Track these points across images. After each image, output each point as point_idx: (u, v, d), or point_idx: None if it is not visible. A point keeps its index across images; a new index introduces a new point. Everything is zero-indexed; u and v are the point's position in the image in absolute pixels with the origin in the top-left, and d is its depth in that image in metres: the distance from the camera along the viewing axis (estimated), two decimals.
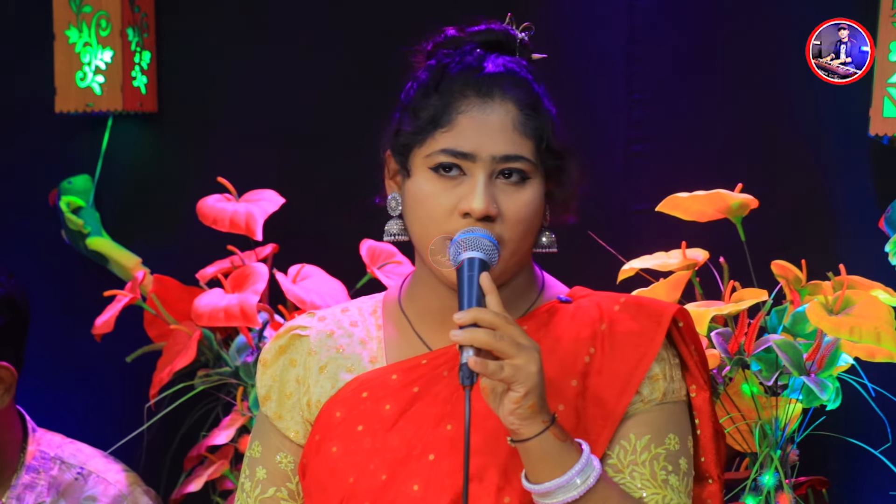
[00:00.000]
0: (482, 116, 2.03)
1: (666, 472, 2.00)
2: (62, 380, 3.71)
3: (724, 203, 2.93)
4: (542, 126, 2.04)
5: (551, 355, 2.03)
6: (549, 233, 2.11)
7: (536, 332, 2.07)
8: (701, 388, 2.06)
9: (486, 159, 2.02)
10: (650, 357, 2.02)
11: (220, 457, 3.33)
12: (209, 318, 3.21)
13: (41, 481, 2.98)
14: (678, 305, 2.07)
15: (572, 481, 1.92)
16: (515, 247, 2.04)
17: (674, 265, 2.93)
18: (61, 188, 3.61)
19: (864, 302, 2.79)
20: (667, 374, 2.04)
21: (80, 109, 3.60)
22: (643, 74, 3.23)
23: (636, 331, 2.04)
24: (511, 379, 1.88)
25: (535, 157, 2.04)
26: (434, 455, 2.02)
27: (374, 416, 2.07)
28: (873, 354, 2.80)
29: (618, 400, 2.01)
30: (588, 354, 2.03)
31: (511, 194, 2.03)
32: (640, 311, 2.06)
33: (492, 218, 2.01)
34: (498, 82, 2.05)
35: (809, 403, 2.82)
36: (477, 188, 2.01)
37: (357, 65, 3.50)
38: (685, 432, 2.05)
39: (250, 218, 3.33)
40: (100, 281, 3.55)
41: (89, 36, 3.59)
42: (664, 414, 2.03)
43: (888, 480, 2.92)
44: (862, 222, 3.04)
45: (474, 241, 1.99)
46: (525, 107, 2.04)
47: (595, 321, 2.06)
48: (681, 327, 2.06)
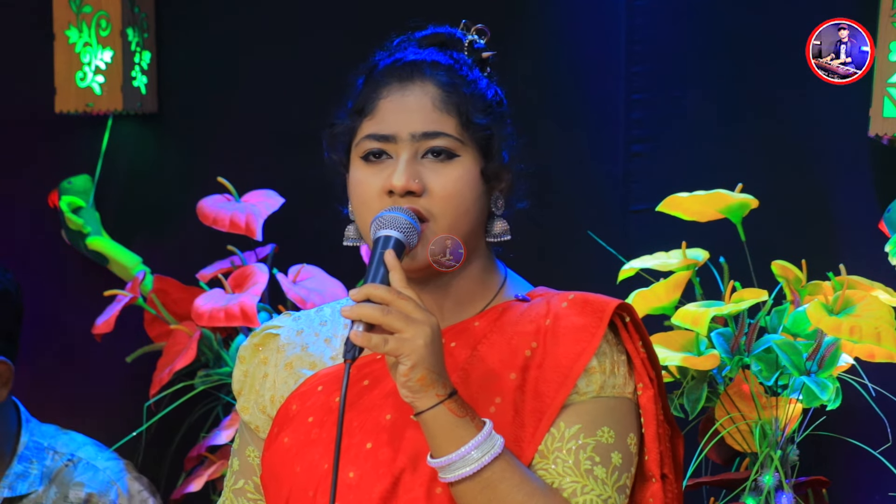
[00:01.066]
0: (401, 99, 2.07)
1: (591, 463, 1.99)
2: (62, 379, 3.71)
3: (724, 203, 2.93)
4: (464, 102, 2.05)
5: (493, 349, 2.05)
6: (502, 221, 2.11)
7: (486, 327, 2.08)
8: (647, 387, 2.06)
9: (406, 138, 2.05)
10: (590, 351, 2.02)
11: (220, 457, 3.33)
12: (209, 318, 3.21)
13: (34, 470, 2.99)
14: (621, 301, 2.07)
15: (469, 455, 1.94)
16: (449, 223, 2.04)
17: (674, 265, 2.93)
18: (61, 188, 3.61)
19: (864, 302, 2.79)
20: (606, 369, 2.03)
21: (80, 109, 3.61)
22: (643, 74, 3.23)
23: (579, 326, 2.04)
24: (396, 352, 1.91)
25: (459, 133, 2.05)
26: (371, 443, 2.04)
27: (325, 408, 2.09)
28: (873, 354, 2.80)
29: (556, 393, 2.01)
30: (529, 349, 2.04)
31: (438, 171, 2.04)
32: (585, 306, 2.06)
33: (415, 193, 2.03)
34: (418, 66, 2.09)
35: (809, 403, 2.82)
36: (398, 165, 2.03)
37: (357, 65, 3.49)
38: (625, 428, 2.04)
39: (250, 218, 3.33)
40: (100, 281, 3.55)
41: (89, 36, 3.59)
42: (600, 407, 2.03)
43: (888, 481, 2.92)
44: (862, 222, 3.04)
45: (391, 219, 2.01)
46: (446, 85, 2.06)
47: (541, 317, 2.06)
48: (627, 322, 2.06)
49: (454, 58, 2.11)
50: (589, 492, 1.99)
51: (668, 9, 3.23)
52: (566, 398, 2.01)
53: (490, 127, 2.07)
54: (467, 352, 2.06)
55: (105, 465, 3.03)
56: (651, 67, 3.24)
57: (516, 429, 2.00)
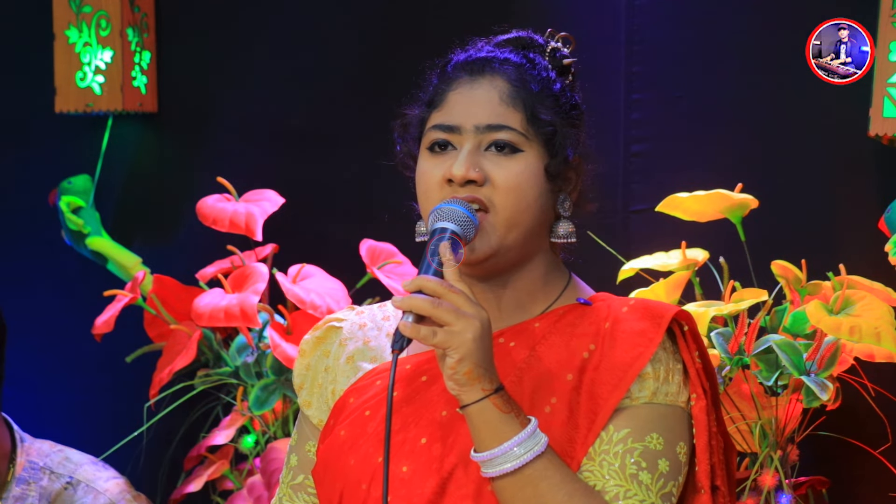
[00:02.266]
0: (469, 92, 2.07)
1: (637, 468, 1.99)
2: (62, 380, 3.71)
3: (724, 203, 2.93)
4: (531, 98, 2.06)
5: (552, 350, 2.05)
6: (568, 223, 2.11)
7: (545, 329, 2.08)
8: (700, 397, 2.05)
9: (471, 130, 2.05)
10: (647, 356, 2.01)
11: (220, 457, 3.33)
12: (209, 318, 3.21)
13: (32, 492, 2.97)
14: (681, 308, 2.07)
15: (511, 451, 1.94)
16: (509, 215, 2.04)
17: (674, 265, 2.93)
18: (61, 188, 3.61)
19: (864, 302, 2.79)
20: (660, 376, 2.03)
21: (80, 109, 3.60)
22: (643, 74, 3.24)
23: (637, 330, 2.04)
24: (444, 344, 1.92)
25: (524, 128, 2.05)
26: (426, 438, 2.04)
27: (382, 402, 2.09)
28: (873, 354, 2.80)
29: (609, 395, 2.01)
30: (587, 350, 2.04)
31: (501, 163, 2.05)
32: (644, 312, 2.06)
33: (476, 182, 2.03)
34: (489, 62, 2.09)
35: (809, 403, 2.82)
36: (460, 155, 2.04)
37: (358, 65, 3.50)
38: (675, 437, 2.03)
39: (250, 218, 3.33)
40: (100, 281, 3.55)
41: (89, 36, 3.59)
42: (651, 413, 2.02)
43: (888, 481, 2.92)
44: (862, 222, 3.04)
45: (448, 211, 2.01)
46: (514, 80, 2.06)
47: (601, 320, 2.06)
48: (685, 331, 2.06)
49: (528, 58, 2.11)
50: (632, 496, 1.98)
51: (668, 9, 3.23)
52: (619, 401, 2.00)
53: (555, 125, 2.06)
54: (525, 352, 2.06)
55: (105, 486, 3.00)
56: (651, 67, 3.24)
57: (570, 429, 2.00)
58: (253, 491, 3.22)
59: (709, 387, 2.06)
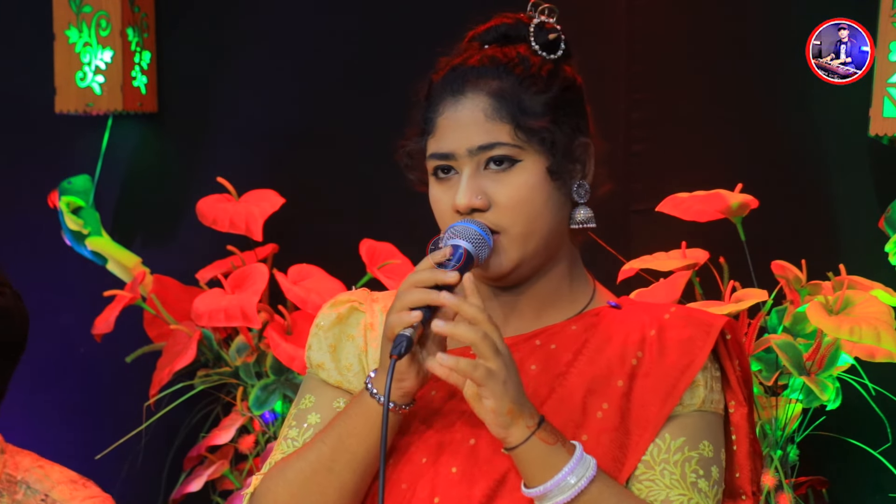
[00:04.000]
0: (455, 115, 2.05)
1: (696, 476, 2.00)
2: (62, 380, 3.71)
3: (724, 203, 2.93)
4: (517, 105, 2.02)
5: (599, 354, 2.03)
6: (586, 208, 2.07)
7: (585, 331, 2.06)
8: (740, 404, 2.06)
9: (465, 154, 2.03)
10: (698, 364, 2.01)
11: (219, 457, 3.33)
12: (209, 318, 3.21)
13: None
14: (728, 318, 2.06)
15: (565, 481, 1.92)
16: (520, 231, 2.03)
17: (674, 265, 2.93)
18: (61, 188, 3.61)
19: (864, 302, 2.79)
20: (708, 384, 2.03)
21: (80, 109, 3.60)
22: (643, 74, 3.23)
23: (685, 338, 2.02)
24: (481, 382, 1.88)
25: (515, 138, 2.02)
26: (475, 440, 2.02)
27: (421, 401, 2.07)
28: (873, 354, 2.80)
29: (663, 404, 2.00)
30: (636, 357, 2.03)
31: (501, 181, 2.03)
32: (690, 319, 2.05)
33: (481, 209, 2.02)
34: (467, 77, 2.05)
35: (809, 403, 2.82)
36: (461, 183, 2.02)
37: (358, 65, 3.50)
38: (719, 443, 2.04)
39: (250, 218, 3.33)
40: (100, 281, 3.55)
41: (89, 36, 3.59)
42: (701, 421, 2.02)
43: (888, 481, 2.92)
44: (862, 222, 3.04)
45: (462, 230, 1.99)
46: (495, 93, 2.03)
47: (645, 326, 2.05)
48: (728, 340, 2.06)
49: (507, 56, 2.07)
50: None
51: (668, 9, 3.23)
52: (672, 408, 1.99)
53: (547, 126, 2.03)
54: (569, 355, 2.04)
55: None
56: (651, 67, 3.24)
57: (621, 435, 1.99)
58: None
59: (748, 394, 2.06)
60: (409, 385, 1.99)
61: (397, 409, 2.00)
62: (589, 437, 1.99)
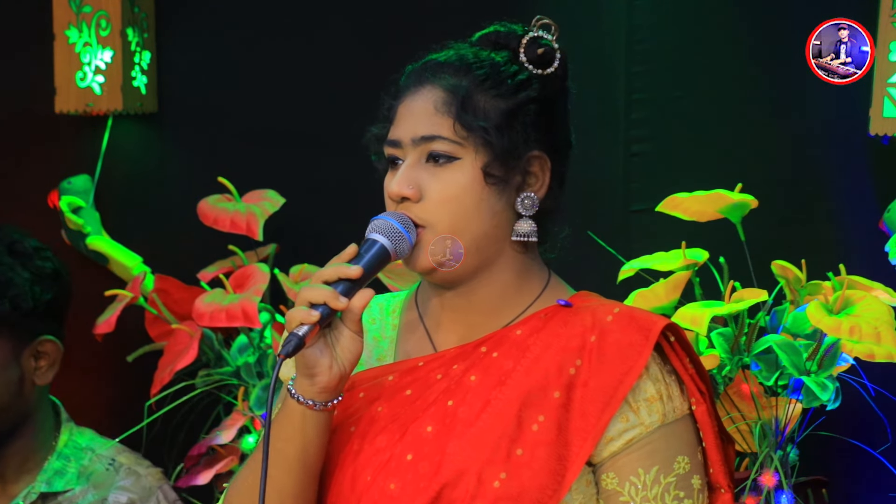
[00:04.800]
0: (411, 104, 2.07)
1: (678, 501, 1.99)
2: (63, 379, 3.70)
3: (724, 203, 2.93)
4: (468, 102, 2.02)
5: (537, 364, 2.02)
6: (528, 221, 2.07)
7: (529, 336, 2.05)
8: (699, 402, 2.04)
9: (409, 143, 2.05)
10: (637, 371, 1.99)
11: (228, 452, 3.32)
12: (211, 318, 3.21)
13: (71, 468, 3.01)
14: (668, 319, 2.05)
15: None
16: (446, 228, 2.02)
17: (674, 265, 2.93)
18: (61, 188, 3.61)
19: (864, 302, 2.79)
20: (663, 395, 2.01)
21: (80, 109, 3.60)
22: (643, 74, 3.24)
23: (625, 344, 2.01)
24: None
25: (456, 135, 2.02)
26: (412, 455, 2.01)
27: (367, 418, 2.07)
28: (873, 354, 2.80)
29: (601, 413, 1.99)
30: (574, 366, 2.01)
31: (435, 174, 2.03)
32: (630, 323, 2.03)
33: (411, 200, 2.03)
34: (432, 69, 2.07)
35: (809, 403, 2.82)
36: (398, 172, 2.04)
37: (358, 64, 3.50)
38: (693, 448, 2.03)
39: (251, 218, 3.33)
40: (100, 281, 3.55)
41: (89, 36, 3.59)
42: (668, 437, 2.01)
43: (888, 481, 2.92)
44: (862, 222, 3.04)
45: (382, 224, 2.03)
46: (452, 87, 2.04)
47: (586, 331, 2.03)
48: (672, 342, 2.05)
49: (477, 57, 2.07)
50: None
51: (668, 9, 3.23)
52: (611, 417, 1.99)
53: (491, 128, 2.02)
54: (510, 363, 2.04)
55: (147, 471, 3.04)
56: (651, 67, 3.24)
57: (559, 448, 1.98)
58: None
59: (705, 389, 2.06)
60: (324, 379, 1.98)
61: (316, 407, 1.99)
62: (524, 451, 1.98)
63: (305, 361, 1.97)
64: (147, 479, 3.02)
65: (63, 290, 3.01)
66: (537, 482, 1.96)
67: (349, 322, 1.99)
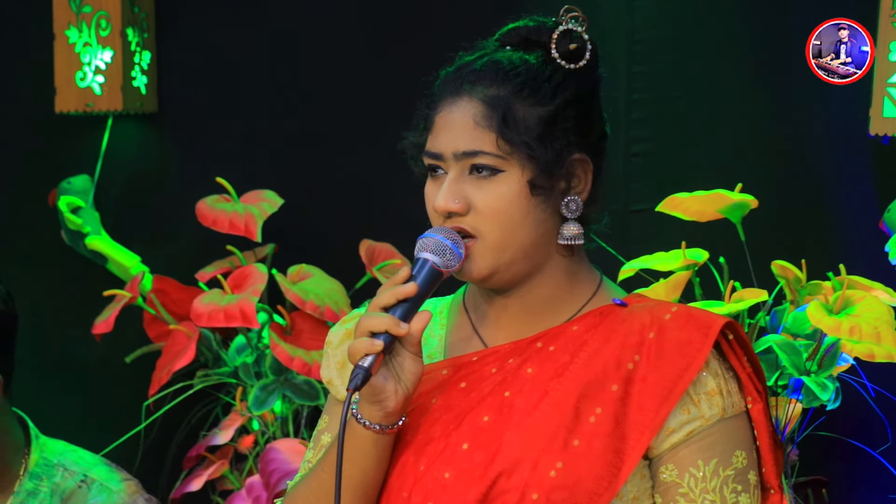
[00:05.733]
0: (449, 115, 2.04)
1: (736, 494, 1.99)
2: (62, 380, 3.71)
3: (724, 203, 2.93)
4: (508, 115, 2.01)
5: (595, 358, 2.02)
6: (575, 224, 2.06)
7: (585, 332, 2.05)
8: (755, 400, 2.05)
9: (451, 157, 2.03)
10: (696, 367, 2.00)
11: (219, 457, 3.32)
12: (209, 318, 3.21)
13: (43, 488, 2.97)
14: (728, 318, 2.05)
15: None
16: (495, 239, 2.02)
17: (674, 265, 2.93)
18: (61, 188, 3.61)
19: (864, 302, 2.79)
20: (723, 390, 2.02)
21: (80, 109, 3.60)
22: (643, 74, 3.23)
23: (683, 340, 2.01)
24: None
25: (498, 148, 2.01)
26: (468, 444, 2.02)
27: (418, 409, 2.07)
28: (873, 354, 2.79)
29: (659, 408, 1.99)
30: (632, 361, 2.02)
31: (482, 187, 2.02)
32: (689, 321, 2.03)
33: (459, 213, 2.02)
34: (468, 78, 2.05)
35: (809, 403, 2.82)
36: (443, 185, 2.03)
37: (358, 65, 3.50)
38: (749, 445, 2.03)
39: (249, 218, 3.33)
40: (100, 281, 3.55)
41: (89, 36, 3.59)
42: (727, 431, 2.01)
43: (888, 481, 2.92)
44: (862, 222, 3.04)
45: (430, 241, 2.01)
46: (490, 99, 2.02)
47: (644, 328, 2.03)
48: (731, 339, 2.05)
49: (512, 63, 2.06)
50: None
51: (668, 9, 3.23)
52: (670, 412, 1.98)
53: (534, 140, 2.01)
54: (567, 357, 2.03)
55: (118, 486, 3.00)
56: (651, 67, 3.23)
57: (616, 440, 1.98)
58: (252, 491, 3.21)
59: (762, 388, 2.06)
60: (391, 405, 1.99)
61: (383, 431, 2.00)
62: (581, 441, 1.98)
63: (372, 390, 1.98)
64: (119, 494, 2.98)
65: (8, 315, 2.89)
66: (593, 473, 1.97)
67: (410, 346, 1.99)
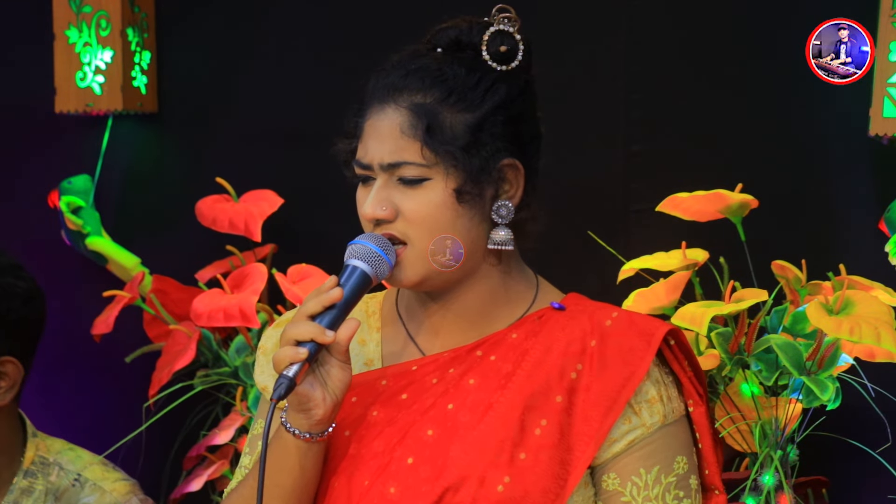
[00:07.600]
0: (377, 123, 2.05)
1: (678, 501, 2.00)
2: (61, 380, 3.71)
3: (724, 203, 2.93)
4: (434, 124, 2.01)
5: (538, 368, 2.02)
6: (504, 229, 2.05)
7: (525, 340, 2.05)
8: (697, 404, 2.05)
9: (377, 168, 2.03)
10: (639, 376, 2.00)
11: (219, 457, 3.32)
12: (208, 318, 3.21)
13: (38, 486, 2.96)
14: (670, 325, 2.05)
15: None
16: (425, 246, 2.02)
17: (674, 265, 2.93)
18: (61, 188, 3.61)
19: (864, 302, 2.79)
20: (663, 396, 2.02)
21: (80, 109, 3.60)
22: (643, 74, 3.23)
23: (626, 348, 2.01)
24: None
25: (424, 157, 2.01)
26: (413, 459, 2.01)
27: (362, 422, 2.06)
28: (873, 354, 2.79)
29: (604, 418, 1.99)
30: (575, 370, 2.01)
31: (409, 195, 2.02)
32: (631, 327, 2.03)
33: (388, 220, 2.02)
34: (396, 86, 2.04)
35: (809, 403, 2.82)
36: (370, 193, 2.03)
37: (357, 65, 3.49)
38: (690, 449, 2.05)
39: (249, 218, 3.33)
40: (100, 281, 3.55)
41: (89, 36, 3.59)
42: (668, 437, 2.02)
43: (888, 481, 2.92)
44: (862, 222, 3.04)
45: (359, 248, 2.01)
46: (416, 108, 2.02)
47: (586, 335, 2.03)
48: (672, 345, 2.05)
49: (440, 69, 2.04)
50: None
51: (668, 9, 3.23)
52: (615, 422, 1.99)
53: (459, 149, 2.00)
54: (509, 367, 2.04)
55: (112, 487, 3.00)
56: (651, 67, 3.23)
57: (562, 452, 1.99)
58: None
59: (703, 391, 2.06)
60: (319, 413, 1.98)
61: (313, 439, 1.99)
62: (527, 455, 1.98)
63: (298, 398, 1.97)
64: (111, 494, 2.97)
65: (33, 314, 2.91)
66: (540, 486, 1.97)
67: (337, 353, 1.98)
